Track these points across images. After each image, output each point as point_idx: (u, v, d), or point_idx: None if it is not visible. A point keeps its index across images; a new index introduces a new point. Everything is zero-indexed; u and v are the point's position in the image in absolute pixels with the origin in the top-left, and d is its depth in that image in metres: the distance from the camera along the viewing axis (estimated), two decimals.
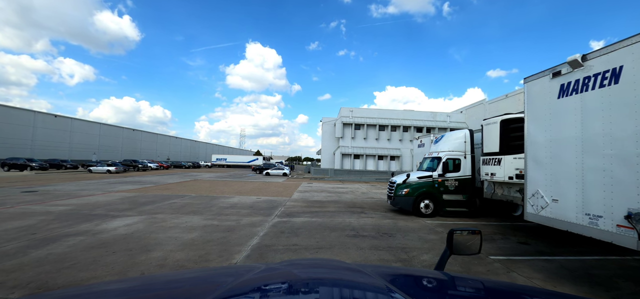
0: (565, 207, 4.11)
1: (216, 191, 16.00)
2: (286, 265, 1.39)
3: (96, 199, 11.71)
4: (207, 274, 1.32)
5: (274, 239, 6.49)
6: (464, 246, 1.51)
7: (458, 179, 9.80)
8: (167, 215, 8.85)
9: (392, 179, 10.63)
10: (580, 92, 3.90)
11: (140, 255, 5.24)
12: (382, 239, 6.75)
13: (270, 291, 1.02)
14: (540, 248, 6.42)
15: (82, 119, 52.35)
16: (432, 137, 12.77)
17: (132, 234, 6.64)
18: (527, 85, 4.85)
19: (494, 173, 7.37)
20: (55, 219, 8.02)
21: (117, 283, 1.27)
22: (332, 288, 1.09)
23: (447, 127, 37.25)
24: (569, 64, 4.02)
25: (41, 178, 22.26)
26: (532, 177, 4.69)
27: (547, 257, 5.83)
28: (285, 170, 36.93)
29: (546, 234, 7.57)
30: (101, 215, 8.65)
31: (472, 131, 10.23)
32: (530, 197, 4.74)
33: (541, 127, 4.54)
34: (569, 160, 4.06)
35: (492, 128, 7.50)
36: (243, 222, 8.12)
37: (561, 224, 4.18)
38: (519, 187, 7.10)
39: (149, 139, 69.01)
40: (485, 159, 7.85)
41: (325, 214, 9.70)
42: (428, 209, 9.61)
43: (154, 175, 29.79)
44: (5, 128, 36.93)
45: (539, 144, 4.57)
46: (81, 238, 6.27)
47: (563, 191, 4.15)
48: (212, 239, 6.33)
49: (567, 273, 4.85)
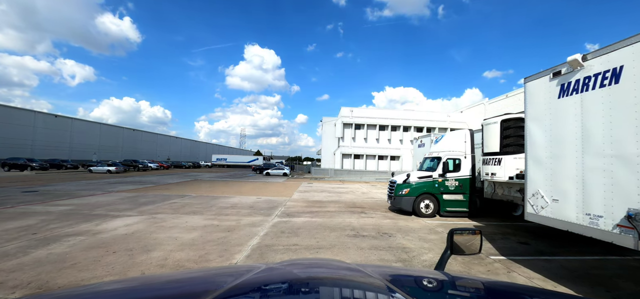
0: (566, 207, 4.11)
1: (216, 191, 16.01)
2: (286, 265, 1.39)
3: (96, 199, 11.72)
4: (207, 274, 1.32)
5: (274, 239, 6.49)
6: (465, 246, 1.52)
7: (458, 179, 9.80)
8: (168, 215, 8.86)
9: (392, 179, 10.63)
10: (580, 92, 3.90)
11: (140, 255, 5.25)
12: (382, 239, 6.75)
13: (271, 291, 1.02)
14: (540, 248, 6.42)
15: (83, 119, 52.45)
16: (432, 137, 12.77)
17: (133, 234, 6.64)
18: (527, 85, 4.84)
19: (495, 173, 7.37)
20: (55, 219, 8.03)
21: (117, 283, 1.28)
22: (332, 288, 1.09)
23: (448, 127, 37.23)
24: (569, 64, 4.01)
25: (41, 178, 22.28)
26: (533, 177, 4.68)
27: (547, 257, 5.83)
28: (286, 170, 36.95)
29: (546, 234, 7.57)
30: (101, 215, 8.66)
31: (472, 130, 10.23)
32: (530, 197, 4.74)
33: (541, 127, 4.54)
34: (569, 160, 4.05)
35: (493, 128, 7.49)
36: (243, 222, 8.12)
37: (561, 224, 4.18)
38: (519, 187, 7.09)
39: (149, 139, 69.06)
40: (485, 159, 7.84)
41: (325, 214, 9.70)
42: (428, 210, 9.61)
43: (154, 175, 29.82)
44: (6, 128, 36.98)
45: (539, 144, 4.57)
46: (81, 237, 6.28)
47: (563, 191, 4.15)
48: (212, 239, 6.33)
49: (568, 273, 4.85)
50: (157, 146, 70.72)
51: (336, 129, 39.28)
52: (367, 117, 39.94)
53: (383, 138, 39.89)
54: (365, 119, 39.69)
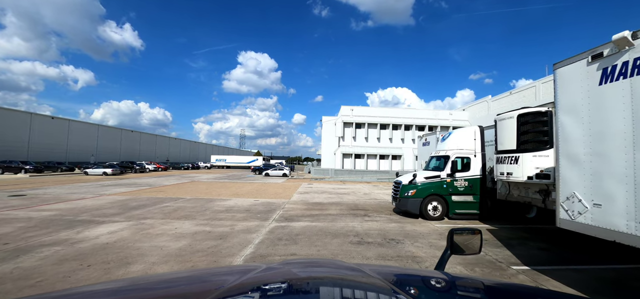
0: (611, 214, 3.49)
1: (212, 193, 15.38)
2: (287, 264, 1.39)
3: (84, 204, 11.10)
4: (208, 273, 1.35)
5: (270, 248, 5.88)
6: (465, 245, 1.49)
7: (468, 179, 9.17)
8: (157, 220, 8.24)
9: (397, 180, 9.99)
10: (629, 76, 3.27)
11: (118, 269, 4.63)
12: (389, 247, 6.13)
13: (271, 291, 1.02)
14: (564, 255, 5.80)
15: (80, 120, 51.80)
16: (438, 134, 12.13)
17: (115, 243, 6.03)
18: (558, 71, 4.21)
19: (511, 173, 6.74)
20: (35, 226, 7.42)
21: (118, 282, 1.28)
22: (332, 288, 1.08)
23: (450, 125, 36.58)
24: (614, 44, 3.39)
25: (34, 181, 21.67)
26: (567, 177, 4.05)
27: (575, 266, 5.20)
28: (285, 171, 36.31)
29: (566, 238, 6.95)
30: (85, 221, 8.04)
31: (483, 127, 9.59)
32: (563, 201, 4.10)
33: (578, 120, 3.91)
34: (616, 157, 3.43)
35: (508, 123, 6.86)
36: (237, 228, 7.50)
37: (606, 234, 3.55)
38: (538, 187, 6.47)
39: (148, 141, 68.39)
40: (500, 157, 7.21)
41: (326, 218, 9.08)
42: (436, 212, 8.98)
43: (150, 177, 29.19)
44: (1, 131, 36.36)
45: (576, 139, 3.94)
46: (57, 248, 5.66)
47: (608, 195, 3.52)
48: (201, 249, 5.71)
49: (606, 287, 4.23)
50: (156, 147, 70.01)
51: (336, 129, 38.62)
52: (367, 116, 39.28)
53: (384, 137, 39.24)
54: (366, 117, 39.02)
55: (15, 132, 38.25)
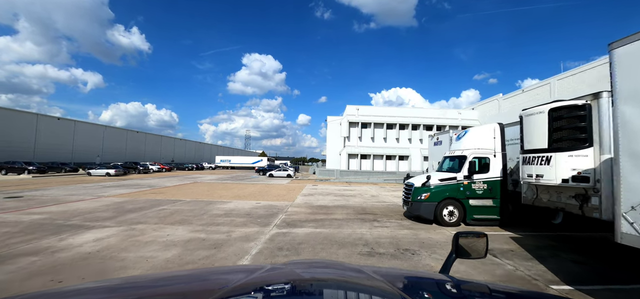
0: None
1: (213, 195, 14.82)
2: (290, 265, 1.41)
3: (78, 206, 10.61)
4: (213, 272, 1.39)
5: (269, 260, 5.21)
6: (470, 249, 1.44)
7: (487, 182, 8.38)
8: (150, 225, 7.66)
9: (409, 182, 9.24)
10: None
11: None
12: (404, 259, 5.42)
13: (275, 291, 1.00)
14: (604, 270, 5.05)
15: (86, 121, 52.04)
16: (451, 133, 11.33)
17: (98, 252, 5.44)
18: (617, 51, 3.46)
19: (541, 175, 5.96)
20: (20, 231, 6.90)
21: (120, 280, 1.23)
22: (336, 290, 1.07)
23: (459, 124, 35.51)
24: None
25: (36, 182, 21.44)
26: (631, 182, 3.30)
27: (623, 286, 4.44)
28: (289, 171, 35.70)
29: (600, 250, 6.15)
30: (74, 226, 7.50)
31: (503, 124, 8.79)
32: (627, 211, 3.36)
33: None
34: None
35: (537, 119, 6.08)
36: (235, 235, 6.86)
37: None
38: (575, 192, 5.68)
39: (154, 141, 68.55)
40: (527, 157, 6.43)
41: (332, 224, 8.38)
42: (452, 217, 8.22)
43: (153, 178, 28.87)
44: (8, 131, 36.53)
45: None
46: (33, 258, 5.10)
47: None
48: (191, 261, 5.08)
49: None
50: (161, 148, 70.14)
51: (342, 129, 37.83)
52: (373, 116, 38.41)
53: (391, 137, 38.31)
54: (372, 117, 38.15)
55: (22, 133, 38.44)
